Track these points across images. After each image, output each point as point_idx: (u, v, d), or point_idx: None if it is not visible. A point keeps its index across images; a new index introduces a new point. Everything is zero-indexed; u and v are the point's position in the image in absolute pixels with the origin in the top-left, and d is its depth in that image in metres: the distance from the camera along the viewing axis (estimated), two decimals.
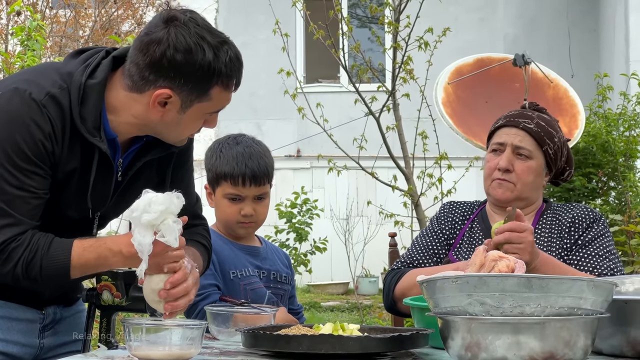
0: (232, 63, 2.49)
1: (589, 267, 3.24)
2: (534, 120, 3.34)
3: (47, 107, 2.44)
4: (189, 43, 2.42)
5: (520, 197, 3.34)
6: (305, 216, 11.98)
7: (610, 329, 2.36)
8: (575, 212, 3.35)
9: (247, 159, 3.32)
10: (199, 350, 2.37)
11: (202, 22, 2.48)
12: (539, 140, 3.32)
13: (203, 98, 2.50)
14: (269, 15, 8.69)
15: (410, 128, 7.77)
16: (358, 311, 10.42)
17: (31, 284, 2.49)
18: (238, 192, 3.33)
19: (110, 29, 12.38)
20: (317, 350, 2.33)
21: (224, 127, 14.35)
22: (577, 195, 7.88)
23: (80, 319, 2.87)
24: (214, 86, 2.49)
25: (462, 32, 12.28)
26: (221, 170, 3.33)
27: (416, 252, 3.42)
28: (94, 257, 2.48)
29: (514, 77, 6.35)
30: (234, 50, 2.50)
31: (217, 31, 2.50)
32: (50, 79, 2.49)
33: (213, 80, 2.47)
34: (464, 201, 3.55)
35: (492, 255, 2.75)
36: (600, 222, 3.34)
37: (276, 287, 3.44)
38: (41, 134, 2.42)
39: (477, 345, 2.15)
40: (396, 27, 7.69)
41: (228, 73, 2.48)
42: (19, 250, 2.43)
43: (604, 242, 3.29)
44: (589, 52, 13.34)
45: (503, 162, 3.31)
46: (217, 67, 2.45)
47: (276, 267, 3.46)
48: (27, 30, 6.94)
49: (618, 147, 7.98)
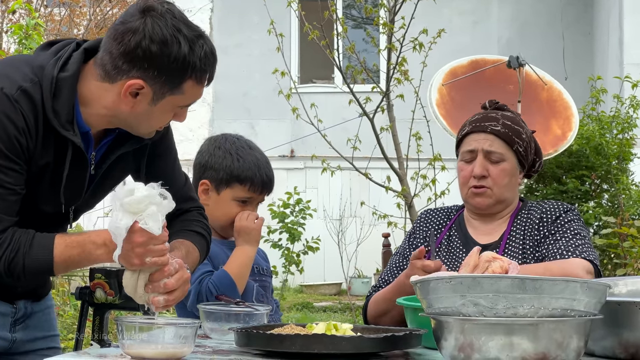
0: (207, 58, 2.47)
1: (557, 248, 3.21)
2: (500, 121, 3.32)
3: (20, 102, 2.41)
4: (165, 34, 2.40)
5: (498, 201, 3.34)
6: (298, 216, 11.99)
7: (603, 331, 2.36)
8: (545, 207, 3.35)
9: (264, 166, 3.38)
10: (192, 348, 2.36)
11: (179, 15, 2.46)
12: (509, 141, 3.31)
13: (175, 91, 2.48)
14: (263, 16, 8.70)
15: (404, 129, 7.78)
16: (350, 312, 10.42)
17: (14, 281, 2.48)
18: (250, 196, 3.37)
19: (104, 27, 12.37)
20: (310, 349, 2.33)
21: (217, 127, 14.37)
22: (570, 198, 7.89)
23: (50, 315, 2.85)
24: (187, 80, 2.46)
25: (456, 34, 12.29)
26: (239, 173, 3.35)
27: (389, 273, 3.42)
28: (77, 252, 2.46)
29: (508, 79, 6.37)
30: (209, 45, 2.48)
31: (193, 25, 2.48)
32: (22, 73, 2.46)
33: (187, 73, 2.45)
34: (441, 207, 3.54)
35: (486, 256, 2.76)
36: (571, 212, 3.32)
37: (261, 279, 3.47)
38: (15, 130, 2.40)
39: (470, 346, 2.15)
40: (391, 28, 7.70)
41: (202, 67, 2.46)
42: (1, 249, 2.41)
43: (572, 226, 3.28)
44: (583, 55, 13.37)
45: (477, 169, 3.30)
46: (191, 61, 2.44)
47: (257, 261, 3.48)
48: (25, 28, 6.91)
49: (611, 149, 7.99)
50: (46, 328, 2.82)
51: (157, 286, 2.43)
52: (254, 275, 3.43)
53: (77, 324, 2.81)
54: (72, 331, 6.72)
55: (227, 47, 14.37)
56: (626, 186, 7.89)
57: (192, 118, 14.38)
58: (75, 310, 7.09)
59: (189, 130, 14.27)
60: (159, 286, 2.43)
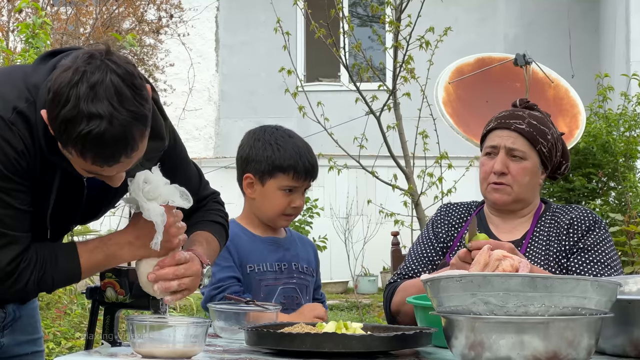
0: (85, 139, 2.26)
1: (590, 275, 3.22)
2: (526, 120, 3.33)
3: (16, 124, 2.36)
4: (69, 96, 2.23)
5: (517, 199, 3.34)
6: (305, 215, 11.98)
7: (614, 329, 2.37)
8: (575, 214, 3.34)
9: (305, 152, 3.39)
10: (202, 348, 2.37)
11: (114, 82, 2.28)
12: (532, 140, 3.31)
13: (68, 148, 2.34)
14: (269, 14, 8.70)
15: (411, 127, 7.78)
16: (357, 310, 10.42)
17: (38, 294, 2.51)
18: (295, 184, 3.37)
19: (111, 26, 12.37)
20: (320, 348, 2.34)
21: (223, 125, 14.39)
22: (577, 196, 7.88)
23: (35, 317, 2.83)
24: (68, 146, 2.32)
25: (462, 32, 12.28)
26: (281, 162, 3.35)
27: (411, 262, 3.42)
28: (102, 256, 2.48)
29: (515, 77, 6.36)
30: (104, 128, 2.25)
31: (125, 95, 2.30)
32: (17, 90, 2.40)
33: (63, 140, 2.30)
34: (461, 202, 3.54)
35: (497, 255, 2.75)
36: (601, 226, 3.32)
37: (299, 277, 3.46)
38: (14, 152, 2.36)
39: (480, 344, 2.15)
40: (397, 26, 7.70)
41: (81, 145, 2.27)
42: (28, 269, 2.41)
43: (606, 249, 3.28)
44: (590, 52, 13.35)
45: (498, 166, 3.31)
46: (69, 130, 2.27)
47: (298, 258, 3.48)
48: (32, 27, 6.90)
49: (618, 147, 7.98)
50: (31, 331, 2.80)
51: (165, 274, 2.45)
52: (290, 273, 3.43)
53: (87, 323, 2.80)
54: (80, 330, 6.73)
55: (233, 45, 14.38)
56: (633, 184, 7.88)
57: (198, 117, 14.40)
58: (82, 309, 7.10)
59: (195, 128, 14.29)
60: (167, 274, 2.45)
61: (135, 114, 2.26)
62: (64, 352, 6.19)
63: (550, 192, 7.98)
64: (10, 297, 2.53)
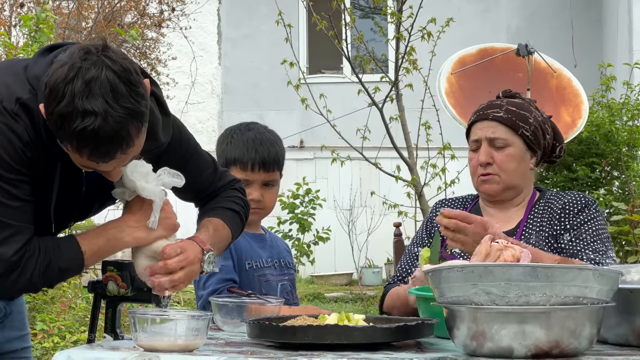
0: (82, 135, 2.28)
1: (578, 250, 3.23)
2: (503, 107, 3.34)
3: (20, 115, 2.37)
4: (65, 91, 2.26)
5: (507, 187, 3.36)
6: (308, 207, 11.99)
7: (616, 318, 2.36)
8: (567, 199, 3.36)
9: (257, 144, 3.35)
10: (204, 341, 2.37)
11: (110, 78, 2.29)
12: (512, 126, 3.32)
13: (64, 144, 2.37)
14: (271, 7, 8.69)
15: (414, 118, 7.78)
16: (362, 302, 10.43)
17: (44, 286, 2.50)
18: (246, 177, 3.33)
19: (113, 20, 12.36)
20: (323, 340, 2.34)
21: (226, 118, 14.37)
22: (580, 185, 7.88)
23: (23, 313, 2.83)
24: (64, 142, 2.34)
25: (465, 22, 12.25)
26: (231, 155, 3.35)
27: (405, 263, 3.46)
28: (103, 241, 2.49)
29: (517, 67, 6.35)
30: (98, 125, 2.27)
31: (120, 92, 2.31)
32: (20, 81, 2.42)
33: (60, 137, 2.33)
34: (456, 197, 3.58)
35: (498, 245, 2.76)
36: (592, 207, 3.34)
37: (289, 273, 3.47)
38: (20, 142, 2.37)
39: (482, 334, 2.15)
40: (399, 18, 7.69)
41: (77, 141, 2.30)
42: (33, 258, 2.42)
43: (594, 225, 3.30)
44: (592, 42, 13.32)
45: (482, 157, 3.33)
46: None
47: (283, 254, 3.48)
48: (36, 21, 6.88)
49: (621, 136, 7.97)
50: (19, 327, 2.79)
51: (157, 267, 2.47)
52: (281, 269, 3.43)
53: (89, 317, 2.81)
54: (84, 324, 6.74)
55: (235, 38, 14.36)
56: (637, 173, 7.87)
57: (201, 110, 14.40)
58: (87, 303, 7.11)
59: (198, 122, 14.28)
60: (158, 267, 2.47)
61: (131, 110, 2.27)
62: (69, 345, 6.20)
63: (554, 182, 7.98)
64: (16, 291, 2.53)
